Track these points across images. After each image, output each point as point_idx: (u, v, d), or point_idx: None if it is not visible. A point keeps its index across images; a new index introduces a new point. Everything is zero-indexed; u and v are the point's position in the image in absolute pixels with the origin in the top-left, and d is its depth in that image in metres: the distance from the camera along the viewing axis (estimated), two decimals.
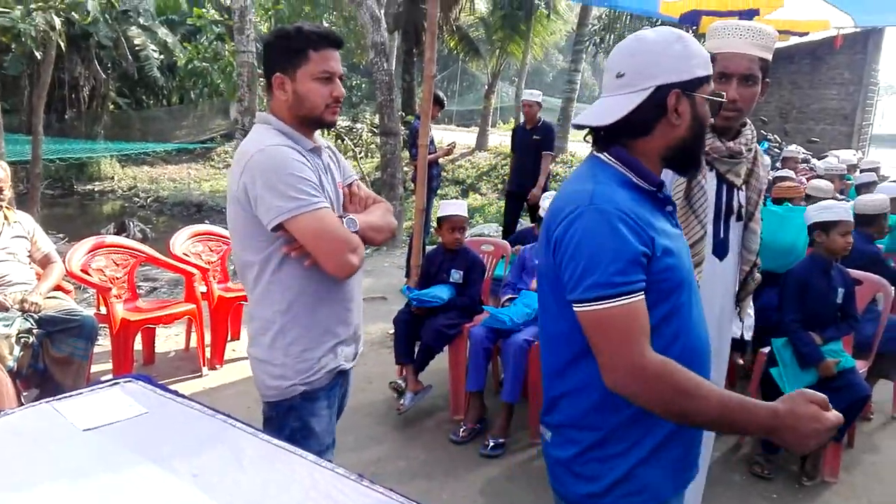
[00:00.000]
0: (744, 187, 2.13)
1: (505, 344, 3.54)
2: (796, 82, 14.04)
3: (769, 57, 2.00)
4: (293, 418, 1.84)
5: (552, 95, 31.63)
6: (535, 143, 6.39)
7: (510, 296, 3.79)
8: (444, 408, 3.92)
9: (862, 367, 3.55)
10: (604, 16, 13.74)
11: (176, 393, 1.41)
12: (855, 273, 3.71)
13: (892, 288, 3.87)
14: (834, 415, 1.22)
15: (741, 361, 3.74)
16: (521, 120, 6.69)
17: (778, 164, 7.31)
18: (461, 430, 3.58)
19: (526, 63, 17.27)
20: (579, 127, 1.44)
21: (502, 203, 11.87)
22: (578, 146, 17.38)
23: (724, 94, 1.44)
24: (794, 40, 8.62)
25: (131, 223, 10.65)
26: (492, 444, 3.44)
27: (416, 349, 3.81)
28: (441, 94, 6.72)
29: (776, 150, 9.38)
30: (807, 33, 6.86)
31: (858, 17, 6.49)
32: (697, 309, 1.44)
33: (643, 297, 1.29)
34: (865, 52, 13.33)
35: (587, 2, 8.61)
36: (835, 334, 3.41)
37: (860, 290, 3.71)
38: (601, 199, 1.30)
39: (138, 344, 4.31)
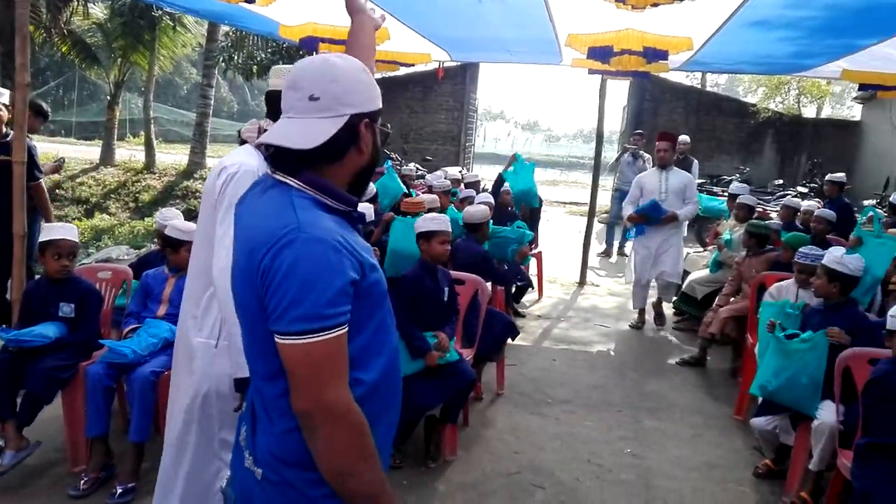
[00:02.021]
0: None
1: (129, 379, 3.27)
2: (412, 107, 15.75)
3: None
4: None
5: (189, 109, 30.19)
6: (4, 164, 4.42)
7: (133, 326, 3.51)
8: (60, 461, 3.45)
9: (468, 354, 4.11)
10: (231, 33, 13.55)
11: None
12: (456, 274, 4.30)
13: (489, 285, 4.58)
14: None
15: None
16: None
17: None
18: (82, 481, 3.19)
19: (153, 74, 16.12)
20: (269, 147, 1.37)
21: (134, 223, 10.93)
22: (216, 162, 16.85)
23: (388, 125, 1.53)
24: (403, 70, 9.62)
25: None
26: (120, 490, 3.14)
27: (20, 400, 3.27)
28: (43, 104, 5.92)
29: (398, 167, 10.37)
30: (413, 64, 7.72)
31: (453, 52, 7.55)
32: (391, 316, 1.51)
33: (346, 329, 1.27)
34: (465, 83, 15.54)
35: (211, 18, 8.43)
36: (451, 332, 3.87)
37: (465, 289, 4.31)
38: (311, 226, 1.27)
39: None
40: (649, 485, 3.60)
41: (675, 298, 6.62)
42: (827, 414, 3.27)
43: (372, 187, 6.09)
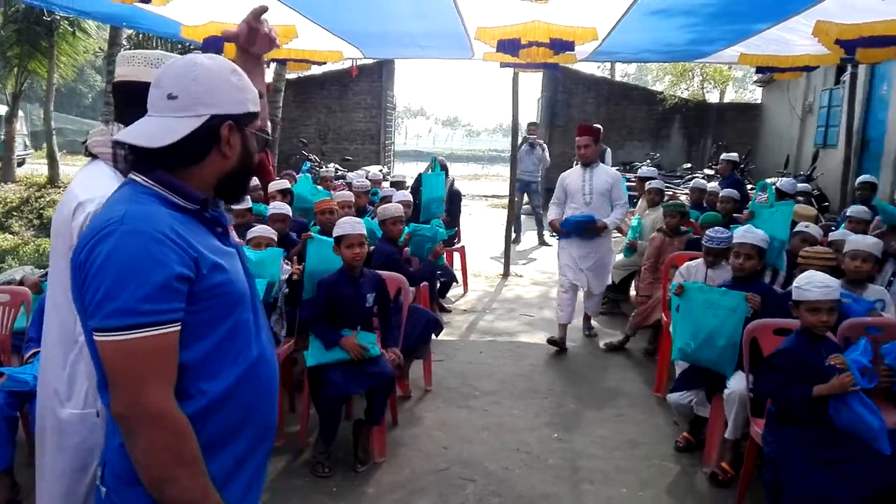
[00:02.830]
0: None
1: (32, 407, 3.08)
2: (329, 107, 15.53)
3: None
4: None
5: (95, 118, 28.84)
6: None
7: (34, 350, 3.31)
8: None
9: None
10: (134, 36, 13.01)
11: None
12: (382, 273, 4.25)
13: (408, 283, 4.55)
14: None
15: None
16: None
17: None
18: None
19: (53, 83, 15.32)
20: (124, 146, 1.32)
21: (39, 241, 10.41)
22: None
23: (269, 130, 1.45)
24: (318, 69, 9.48)
25: None
26: None
27: None
28: None
29: (317, 168, 10.23)
30: (325, 62, 7.59)
31: (365, 49, 7.48)
32: (261, 324, 1.43)
33: (177, 329, 1.21)
34: (381, 80, 15.44)
35: (107, 21, 8.07)
36: (396, 334, 3.92)
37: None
38: (135, 219, 1.21)
39: None
40: (576, 467, 3.68)
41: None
42: (736, 383, 3.42)
43: (283, 182, 5.94)
